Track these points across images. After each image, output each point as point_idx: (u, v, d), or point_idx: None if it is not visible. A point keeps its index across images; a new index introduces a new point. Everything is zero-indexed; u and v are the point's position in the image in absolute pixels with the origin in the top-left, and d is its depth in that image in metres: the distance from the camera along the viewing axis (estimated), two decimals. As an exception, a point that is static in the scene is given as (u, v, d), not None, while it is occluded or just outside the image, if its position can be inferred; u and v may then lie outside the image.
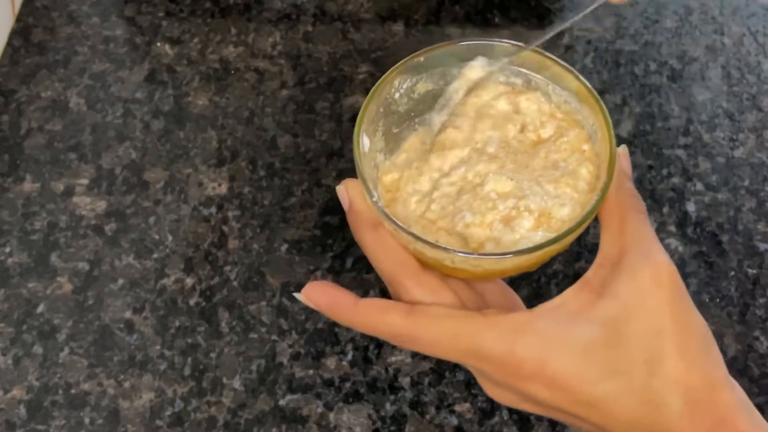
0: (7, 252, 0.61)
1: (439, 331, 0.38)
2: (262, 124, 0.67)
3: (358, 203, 0.41)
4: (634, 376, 0.37)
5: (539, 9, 0.74)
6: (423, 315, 0.39)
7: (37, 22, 0.73)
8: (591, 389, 0.37)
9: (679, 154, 0.66)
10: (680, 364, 0.37)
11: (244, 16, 0.74)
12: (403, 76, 0.44)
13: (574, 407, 0.38)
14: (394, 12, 0.74)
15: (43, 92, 0.69)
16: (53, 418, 0.55)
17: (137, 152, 0.66)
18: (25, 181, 0.64)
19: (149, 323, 0.58)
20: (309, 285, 0.41)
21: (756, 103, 0.68)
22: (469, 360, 0.39)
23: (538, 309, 0.38)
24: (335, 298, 0.40)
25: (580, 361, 0.37)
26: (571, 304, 0.38)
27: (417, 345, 0.39)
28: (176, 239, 0.62)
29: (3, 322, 0.58)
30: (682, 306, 0.38)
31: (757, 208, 0.63)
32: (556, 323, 0.37)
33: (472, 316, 0.38)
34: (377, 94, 0.43)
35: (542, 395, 0.38)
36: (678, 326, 0.37)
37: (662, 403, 0.37)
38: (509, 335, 0.37)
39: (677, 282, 0.38)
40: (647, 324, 0.37)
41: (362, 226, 0.41)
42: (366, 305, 0.40)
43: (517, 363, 0.37)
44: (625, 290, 0.37)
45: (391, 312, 0.39)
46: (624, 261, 0.38)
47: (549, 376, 0.37)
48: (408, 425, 0.55)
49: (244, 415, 0.55)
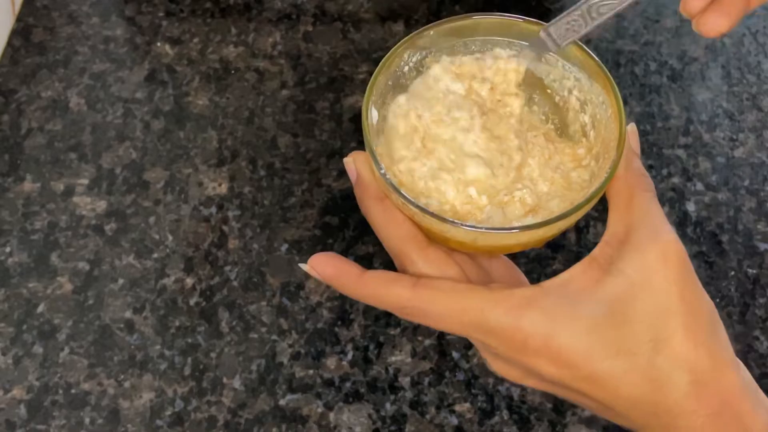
0: (7, 252, 0.61)
1: (445, 303, 0.38)
2: (262, 124, 0.67)
3: (365, 175, 0.41)
4: (640, 353, 0.36)
5: (539, 9, 0.74)
6: (429, 287, 0.38)
7: (37, 22, 0.73)
8: (596, 366, 0.37)
9: (679, 154, 0.66)
10: (686, 344, 0.36)
11: (244, 16, 0.74)
12: (412, 49, 0.44)
13: (579, 383, 0.37)
14: (394, 12, 0.74)
15: (44, 92, 0.69)
16: (53, 418, 0.55)
17: (137, 152, 0.66)
18: (25, 181, 0.64)
19: (149, 323, 0.58)
20: (315, 256, 0.40)
21: (756, 103, 0.68)
22: (475, 333, 0.38)
23: (545, 284, 0.38)
24: (341, 269, 0.40)
25: (586, 337, 0.37)
26: (577, 281, 0.38)
27: (422, 317, 0.39)
28: (176, 239, 0.62)
29: (3, 322, 0.58)
30: (690, 285, 0.37)
31: (757, 208, 0.63)
32: (563, 299, 0.37)
33: (479, 290, 0.38)
34: (386, 67, 0.43)
35: (547, 371, 0.38)
36: (685, 305, 0.37)
37: (667, 382, 0.36)
38: (516, 310, 0.37)
39: (685, 261, 0.38)
40: (654, 302, 0.37)
41: (369, 199, 0.41)
42: (371, 277, 0.39)
43: (523, 338, 0.37)
44: (631, 268, 0.37)
45: (397, 284, 0.39)
46: (631, 239, 0.38)
47: (554, 351, 0.37)
48: (408, 425, 0.55)
49: (244, 415, 0.55)
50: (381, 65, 0.42)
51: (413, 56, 0.44)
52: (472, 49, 0.45)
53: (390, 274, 0.39)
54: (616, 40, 0.72)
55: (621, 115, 0.40)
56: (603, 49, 0.71)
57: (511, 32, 0.44)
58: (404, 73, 0.44)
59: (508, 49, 0.44)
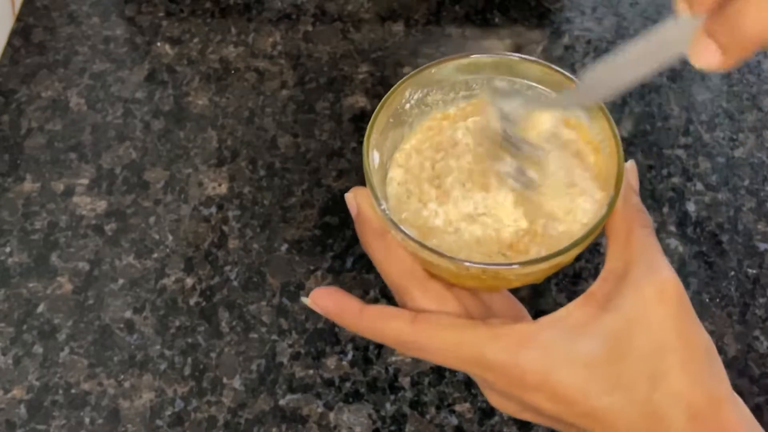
0: (7, 252, 0.61)
1: (443, 339, 0.39)
2: (262, 124, 0.67)
3: (366, 211, 0.42)
4: (637, 390, 0.37)
5: (539, 9, 0.74)
6: (427, 323, 0.39)
7: (37, 22, 0.73)
8: (593, 402, 0.37)
9: (679, 154, 0.66)
10: (683, 379, 0.37)
11: (244, 16, 0.74)
12: (413, 87, 0.44)
13: (577, 419, 0.38)
14: (394, 12, 0.74)
15: (43, 92, 0.69)
16: (53, 418, 0.55)
17: (137, 152, 0.66)
18: (25, 181, 0.64)
19: (149, 323, 0.58)
20: (316, 291, 0.41)
21: (756, 103, 0.68)
22: (473, 369, 0.39)
23: (542, 321, 0.38)
24: (341, 304, 0.41)
25: (583, 374, 0.37)
26: (575, 317, 0.38)
27: (421, 352, 0.40)
28: (176, 239, 0.62)
29: (3, 322, 0.58)
30: (686, 321, 0.38)
31: (757, 208, 0.63)
32: (560, 336, 0.37)
33: (476, 326, 0.38)
34: (387, 104, 0.43)
35: (545, 407, 0.38)
36: (681, 341, 0.37)
37: (665, 418, 0.37)
38: (513, 346, 0.37)
39: (682, 297, 0.38)
40: (651, 339, 0.37)
41: (370, 234, 0.41)
42: (371, 312, 0.40)
43: (521, 374, 0.37)
44: (629, 304, 0.37)
45: (396, 319, 0.39)
46: (629, 275, 0.38)
47: (552, 388, 0.37)
48: (408, 425, 0.55)
49: (244, 415, 0.55)
50: (382, 103, 0.43)
51: (414, 94, 0.44)
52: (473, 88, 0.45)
53: (389, 309, 0.40)
54: (616, 40, 0.72)
55: (619, 152, 0.41)
56: (603, 50, 0.71)
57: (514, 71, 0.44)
58: (405, 110, 0.44)
59: (511, 96, 0.44)
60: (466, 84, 0.45)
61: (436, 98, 0.45)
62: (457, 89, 0.45)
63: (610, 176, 0.41)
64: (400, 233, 0.39)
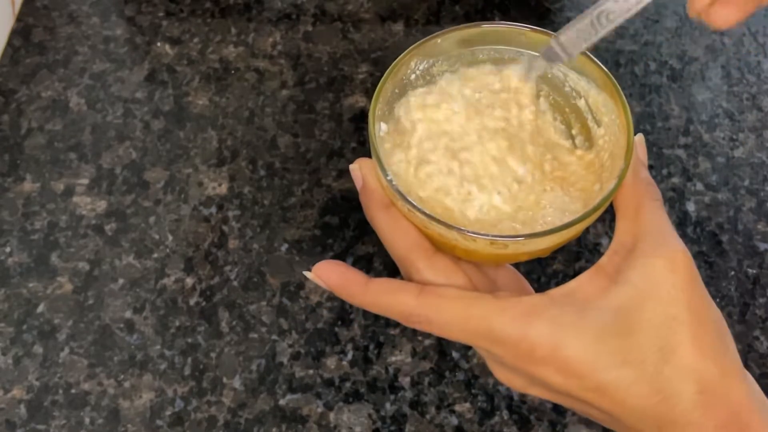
0: (7, 252, 0.61)
1: (450, 311, 0.38)
2: (262, 124, 0.67)
3: (371, 182, 0.41)
4: (647, 363, 0.36)
5: (539, 9, 0.74)
6: (434, 295, 0.38)
7: (37, 22, 0.73)
8: (602, 376, 0.36)
9: (679, 154, 0.66)
10: (694, 353, 0.36)
11: (244, 16, 0.74)
12: (419, 57, 0.44)
13: (585, 393, 0.37)
14: (394, 12, 0.74)
15: (43, 92, 0.69)
16: (53, 418, 0.55)
17: (137, 152, 0.66)
18: (25, 180, 0.64)
19: (149, 323, 0.58)
20: (319, 264, 0.40)
21: (756, 103, 0.68)
22: (481, 342, 0.38)
23: (552, 293, 0.38)
24: (346, 277, 0.40)
25: (593, 347, 0.36)
26: (584, 290, 0.38)
27: (428, 325, 0.39)
28: (176, 239, 0.62)
29: (3, 322, 0.58)
30: (697, 294, 0.37)
31: (757, 208, 0.63)
32: (569, 309, 0.37)
33: (485, 298, 0.38)
34: (393, 75, 0.42)
35: (553, 380, 0.37)
36: (692, 314, 0.37)
37: (674, 392, 0.36)
38: (522, 318, 0.37)
39: (692, 269, 0.37)
40: (661, 311, 0.36)
41: (375, 206, 0.40)
42: (377, 285, 0.39)
43: (530, 347, 0.37)
44: (638, 277, 0.37)
45: (402, 292, 0.39)
46: (638, 248, 0.38)
47: (561, 360, 0.37)
48: (408, 425, 0.55)
49: (244, 415, 0.55)
50: (388, 73, 0.42)
51: (420, 64, 0.44)
52: (480, 59, 0.45)
53: (395, 282, 0.39)
54: (616, 40, 0.72)
55: (629, 125, 0.40)
56: (603, 49, 0.71)
57: (519, 42, 0.44)
58: (411, 81, 0.44)
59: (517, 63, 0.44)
60: (472, 54, 0.45)
61: (441, 68, 0.45)
62: (463, 59, 0.45)
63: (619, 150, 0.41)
64: (407, 204, 0.39)
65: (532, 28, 0.44)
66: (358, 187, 0.41)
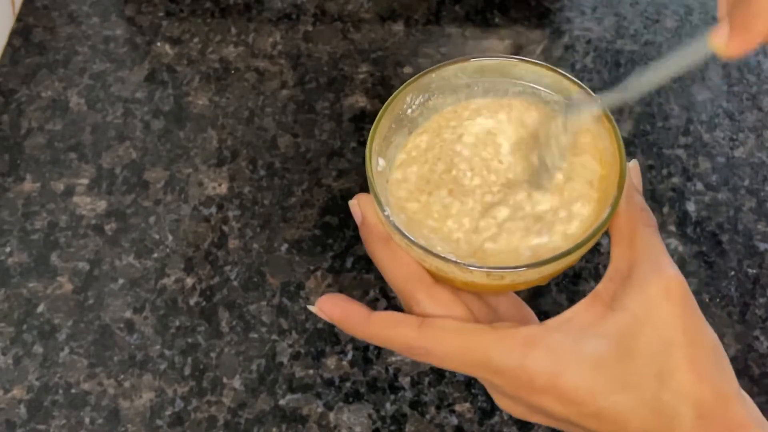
0: (7, 252, 0.61)
1: (449, 344, 0.39)
2: (262, 124, 0.67)
3: (370, 217, 0.42)
4: (645, 388, 0.37)
5: (539, 9, 0.74)
6: (434, 328, 0.39)
7: (37, 22, 0.73)
8: (602, 402, 0.37)
9: (679, 154, 0.66)
10: (690, 377, 0.37)
11: (244, 16, 0.74)
12: (414, 92, 0.44)
13: (586, 420, 0.38)
14: (394, 12, 0.74)
15: (43, 92, 0.69)
16: (53, 418, 0.55)
17: (137, 152, 0.66)
18: (25, 180, 0.64)
19: (149, 323, 0.58)
20: (322, 298, 0.41)
21: (756, 103, 0.68)
22: (480, 373, 0.39)
23: (549, 323, 0.38)
24: (348, 311, 0.41)
25: (591, 374, 0.37)
26: (581, 318, 0.38)
27: (428, 357, 0.40)
28: (176, 239, 0.62)
29: (3, 321, 0.58)
30: (692, 319, 0.38)
31: (757, 208, 0.63)
32: (567, 337, 0.37)
33: (483, 330, 0.39)
34: (389, 110, 0.43)
35: (553, 408, 0.38)
36: (688, 339, 0.37)
37: (674, 416, 0.37)
38: (520, 349, 0.37)
39: (687, 295, 0.38)
40: (657, 337, 0.37)
41: (374, 240, 0.41)
42: (378, 318, 0.40)
43: (528, 377, 0.37)
44: (634, 303, 0.37)
45: (403, 325, 0.39)
46: (634, 274, 0.38)
47: (560, 389, 0.37)
48: (408, 425, 0.55)
49: (244, 415, 0.55)
50: (384, 109, 0.43)
51: (416, 99, 0.44)
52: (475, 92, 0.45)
53: (396, 315, 0.40)
54: (616, 40, 0.72)
55: (621, 153, 0.41)
56: (603, 49, 0.71)
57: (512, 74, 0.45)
58: (407, 116, 0.44)
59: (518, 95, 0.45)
60: (467, 87, 0.45)
61: (437, 102, 0.45)
62: (459, 92, 0.45)
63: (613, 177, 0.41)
64: (404, 239, 0.40)
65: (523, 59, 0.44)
66: (357, 221, 0.42)
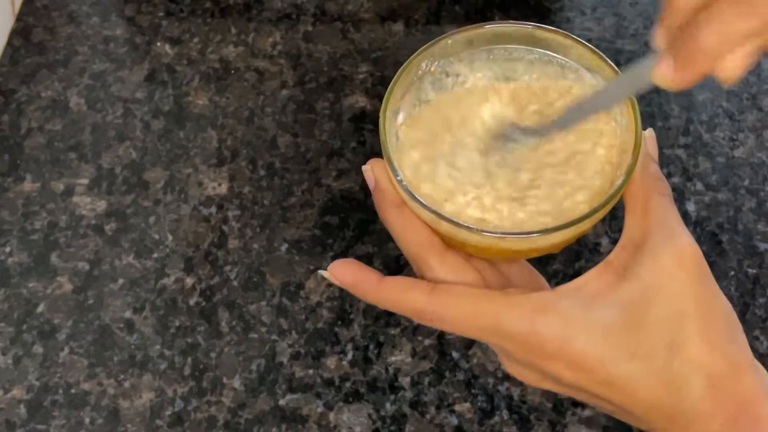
0: (7, 252, 0.61)
1: (460, 308, 0.39)
2: (262, 124, 0.67)
3: (383, 182, 0.41)
4: (656, 358, 0.36)
5: (539, 9, 0.74)
6: (445, 293, 0.39)
7: (37, 22, 0.73)
8: (611, 369, 0.37)
9: (679, 153, 0.66)
10: (702, 347, 0.36)
11: (244, 16, 0.74)
12: (429, 59, 0.44)
13: (596, 387, 0.38)
14: (394, 12, 0.74)
15: (43, 92, 0.69)
16: (53, 418, 0.55)
17: (137, 152, 0.66)
18: (25, 180, 0.64)
19: (149, 323, 0.58)
20: (334, 263, 0.41)
21: (756, 103, 0.68)
22: (491, 338, 0.39)
23: (560, 289, 0.38)
24: (360, 276, 0.41)
25: (602, 342, 0.37)
26: (592, 286, 0.38)
27: (439, 322, 0.40)
28: (176, 239, 0.62)
29: (3, 321, 0.58)
30: (706, 288, 0.38)
31: (757, 208, 0.63)
32: (578, 304, 0.37)
33: (494, 295, 0.38)
34: (403, 76, 0.43)
35: (564, 374, 0.38)
36: (700, 309, 0.37)
37: (684, 385, 0.36)
38: (530, 314, 0.37)
39: (701, 264, 0.38)
40: (669, 306, 0.37)
41: (387, 206, 0.41)
42: (389, 283, 0.40)
43: (539, 342, 0.37)
44: (647, 272, 0.37)
45: (414, 290, 0.39)
46: (647, 243, 0.38)
47: (570, 356, 0.37)
48: (408, 425, 0.55)
49: (244, 415, 0.55)
50: (397, 76, 0.43)
51: (430, 66, 0.44)
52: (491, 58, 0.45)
53: (407, 280, 0.40)
54: (616, 40, 0.72)
55: (637, 120, 0.41)
56: (603, 49, 0.71)
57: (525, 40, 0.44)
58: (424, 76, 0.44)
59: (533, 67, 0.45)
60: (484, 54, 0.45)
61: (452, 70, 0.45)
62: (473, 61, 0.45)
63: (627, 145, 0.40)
64: (417, 204, 0.39)
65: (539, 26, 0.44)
66: (371, 186, 0.42)
